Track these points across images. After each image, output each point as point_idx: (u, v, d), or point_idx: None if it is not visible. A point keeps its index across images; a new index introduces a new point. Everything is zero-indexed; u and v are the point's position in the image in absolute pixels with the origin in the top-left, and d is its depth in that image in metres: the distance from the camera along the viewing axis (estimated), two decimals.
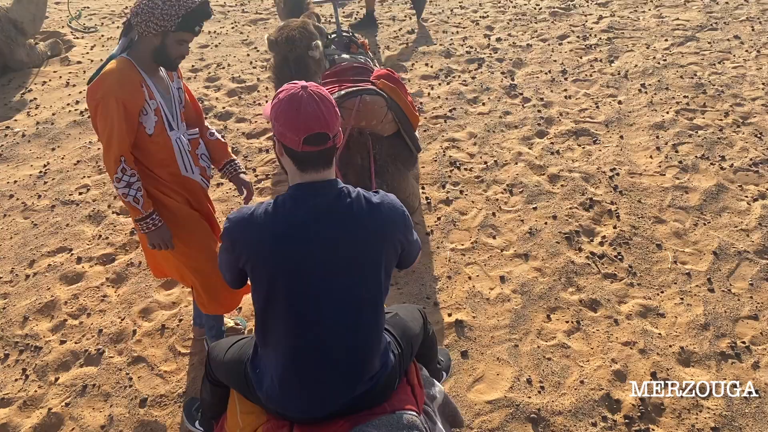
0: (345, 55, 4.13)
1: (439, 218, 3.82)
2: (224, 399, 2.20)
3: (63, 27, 7.06)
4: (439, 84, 5.45)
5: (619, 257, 3.43)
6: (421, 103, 5.10)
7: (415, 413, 2.01)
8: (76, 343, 3.06)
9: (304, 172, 1.84)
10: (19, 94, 5.64)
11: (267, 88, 5.49)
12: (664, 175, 4.08)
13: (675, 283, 3.25)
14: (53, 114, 5.21)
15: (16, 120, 5.20)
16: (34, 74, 5.99)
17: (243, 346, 2.12)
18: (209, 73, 5.81)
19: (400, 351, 2.09)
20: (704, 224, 3.65)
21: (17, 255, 3.67)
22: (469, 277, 3.35)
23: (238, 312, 3.25)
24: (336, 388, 1.88)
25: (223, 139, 2.76)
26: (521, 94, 5.18)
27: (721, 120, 4.66)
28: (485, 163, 4.32)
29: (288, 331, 1.90)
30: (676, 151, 4.31)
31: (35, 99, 5.54)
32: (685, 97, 4.96)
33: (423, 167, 4.28)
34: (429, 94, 5.27)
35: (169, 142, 2.45)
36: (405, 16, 6.94)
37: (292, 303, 1.87)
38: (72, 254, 3.64)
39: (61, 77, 5.90)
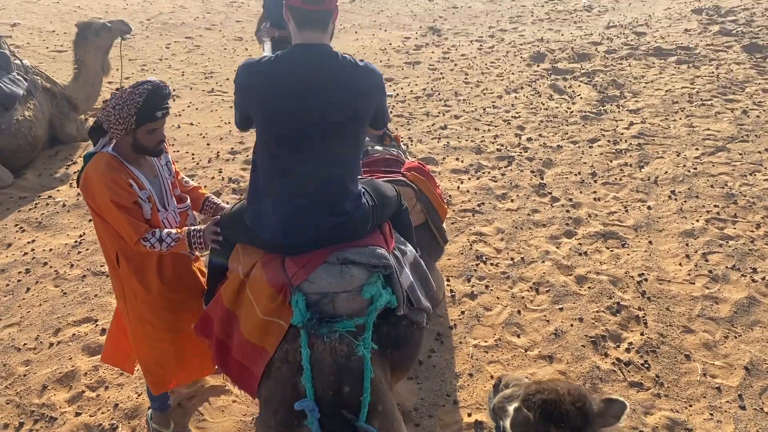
0: (378, 147, 4.24)
1: (462, 312, 3.79)
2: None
3: None
4: (469, 179, 5.54)
5: (646, 366, 3.35)
6: (450, 196, 5.18)
7: (385, 250, 2.38)
8: (90, 416, 3.04)
9: (302, 31, 2.25)
10: (65, 166, 5.89)
11: None
12: (694, 283, 4.03)
13: (704, 397, 3.14)
14: None
15: (58, 190, 5.40)
16: (81, 148, 6.26)
17: (243, 202, 2.50)
18: (247, 155, 6.01)
19: (374, 203, 2.43)
20: (735, 337, 3.56)
21: (44, 322, 3.72)
22: (491, 376, 3.28)
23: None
24: (312, 218, 2.25)
25: (195, 184, 2.99)
26: (550, 193, 5.24)
27: (752, 231, 4.62)
28: (512, 259, 4.32)
29: (277, 171, 2.29)
30: (706, 260, 4.26)
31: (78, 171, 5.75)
32: (715, 206, 4.96)
33: (449, 259, 4.30)
34: (458, 187, 5.36)
35: (159, 224, 2.61)
36: (438, 113, 7.16)
37: (282, 144, 2.25)
38: (97, 325, 3.67)
39: None
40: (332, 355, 2.14)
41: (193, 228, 2.57)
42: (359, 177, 2.49)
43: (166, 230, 2.53)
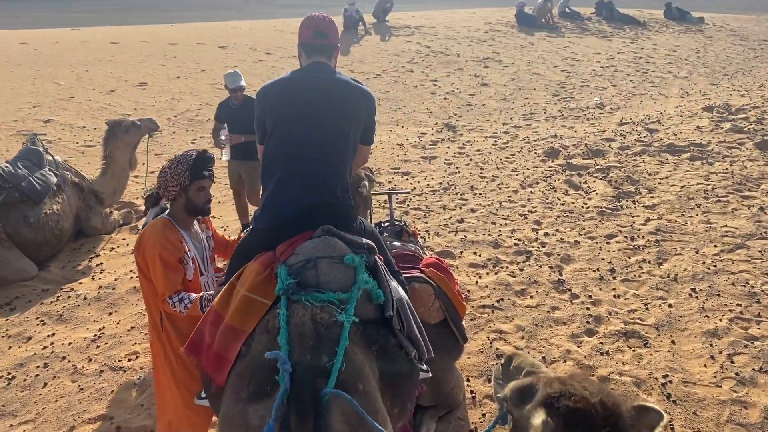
0: (396, 243, 4.30)
1: (483, 414, 3.70)
2: None
3: (137, 198, 7.62)
4: (487, 273, 5.55)
5: None
6: (468, 291, 5.17)
7: (373, 245, 2.50)
8: None
9: (311, 58, 2.87)
10: (88, 259, 6.00)
11: None
12: (720, 386, 3.92)
13: None
14: (116, 279, 5.47)
15: (80, 283, 5.48)
16: (105, 240, 6.40)
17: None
18: None
19: (363, 225, 2.80)
20: None
21: (59, 419, 3.68)
22: None
23: None
24: (307, 196, 2.59)
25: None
26: (569, 290, 5.21)
27: None
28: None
29: (281, 157, 2.67)
30: (732, 362, 4.17)
31: (101, 264, 5.86)
32: (738, 305, 4.89)
33: (468, 358, 4.24)
34: (477, 282, 5.36)
35: (200, 286, 3.02)
36: (455, 206, 7.26)
37: (285, 141, 2.68)
38: (112, 422, 3.63)
39: (128, 244, 6.28)
40: (313, 321, 2.14)
41: (206, 293, 2.90)
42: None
43: (187, 294, 2.88)
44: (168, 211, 3.09)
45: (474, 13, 25.53)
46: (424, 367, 2.73)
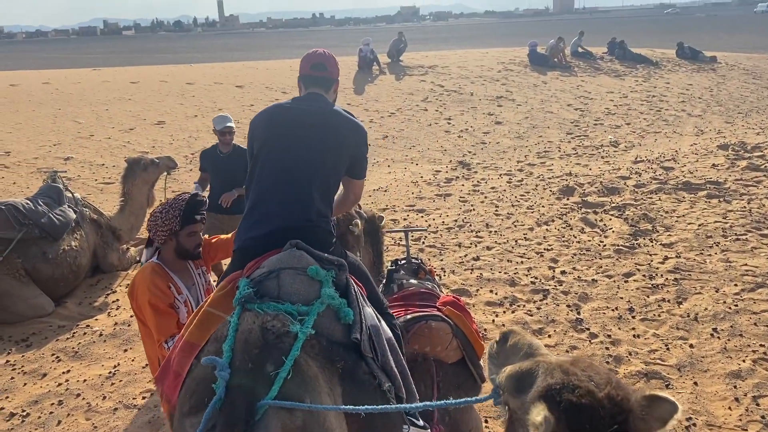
0: (413, 281, 4.26)
1: None
2: None
3: None
4: (504, 312, 5.49)
5: None
6: (485, 330, 5.11)
7: (344, 262, 2.37)
8: None
9: (308, 89, 2.90)
10: (104, 295, 6.02)
11: None
12: (746, 430, 3.81)
13: None
14: (131, 316, 5.47)
15: (96, 319, 5.49)
16: (121, 277, 6.43)
17: None
18: None
19: (344, 255, 2.67)
20: None
21: None
22: None
23: None
24: (280, 218, 2.52)
25: None
26: (588, 329, 5.14)
27: None
28: None
29: (262, 179, 2.64)
30: (757, 404, 4.06)
31: (117, 300, 5.87)
32: (761, 345, 4.79)
33: None
34: (493, 321, 5.30)
35: None
36: (470, 244, 7.24)
37: (264, 162, 2.66)
38: None
39: None
40: (262, 328, 1.95)
41: None
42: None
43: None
44: (158, 254, 3.08)
45: (487, 53, 25.87)
46: (420, 422, 2.50)
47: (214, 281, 3.17)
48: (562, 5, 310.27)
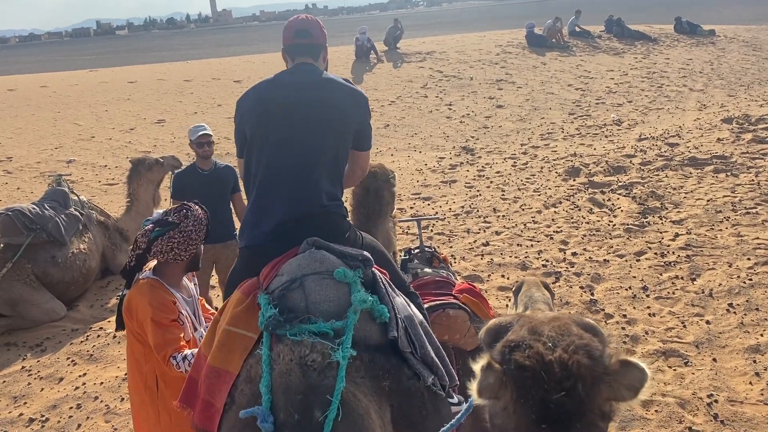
0: (427, 269, 4.23)
1: None
2: None
3: None
4: None
5: None
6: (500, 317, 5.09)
7: (368, 255, 2.15)
8: None
9: (295, 59, 2.63)
10: (116, 297, 6.01)
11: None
12: None
13: None
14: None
15: (109, 321, 5.48)
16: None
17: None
18: None
19: (360, 237, 2.47)
20: None
21: None
22: None
23: None
24: (287, 205, 2.31)
25: None
26: (603, 309, 5.12)
27: None
28: None
29: (261, 169, 2.40)
30: None
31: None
32: None
33: None
34: (507, 306, 5.26)
35: (196, 342, 2.75)
36: (479, 230, 7.21)
37: (263, 150, 2.41)
38: None
39: None
40: (301, 366, 1.75)
41: None
42: (344, 195, 2.56)
43: (189, 350, 2.62)
44: (157, 273, 2.79)
45: (484, 36, 25.71)
46: (454, 399, 2.34)
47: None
48: None
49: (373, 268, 2.15)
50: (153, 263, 2.84)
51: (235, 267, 2.49)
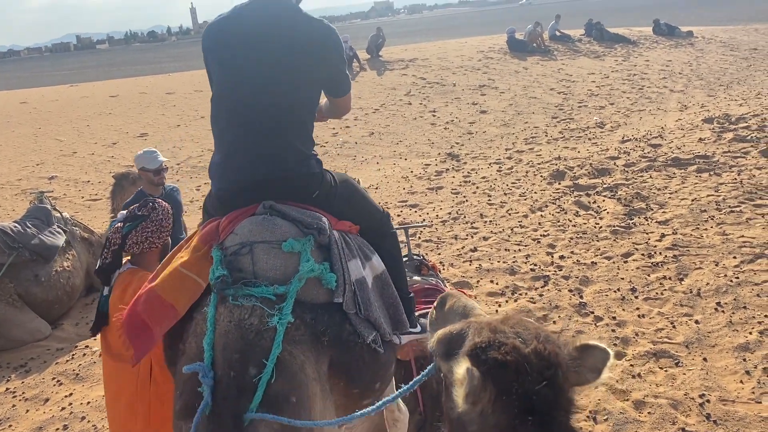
0: (416, 277, 4.22)
1: None
2: None
3: None
4: (506, 301, 5.46)
5: None
6: None
7: (326, 221, 2.19)
8: None
9: None
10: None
11: None
12: (761, 402, 3.80)
13: None
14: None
15: (95, 339, 5.39)
16: None
17: None
18: None
19: (333, 183, 2.37)
20: None
21: None
22: None
23: None
24: (252, 166, 2.21)
25: None
26: (592, 312, 5.12)
27: None
28: None
29: (224, 119, 2.28)
30: None
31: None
32: (766, 316, 4.78)
33: None
34: (497, 311, 5.26)
35: None
36: (467, 235, 7.20)
37: (229, 97, 2.27)
38: None
39: None
40: (239, 327, 1.86)
41: None
42: (326, 144, 2.48)
43: None
44: (133, 266, 2.88)
45: (465, 42, 25.84)
46: (417, 328, 2.57)
47: None
48: None
49: (330, 230, 2.19)
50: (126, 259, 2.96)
51: (207, 200, 2.47)
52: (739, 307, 4.97)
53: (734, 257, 5.88)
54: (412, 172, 10.45)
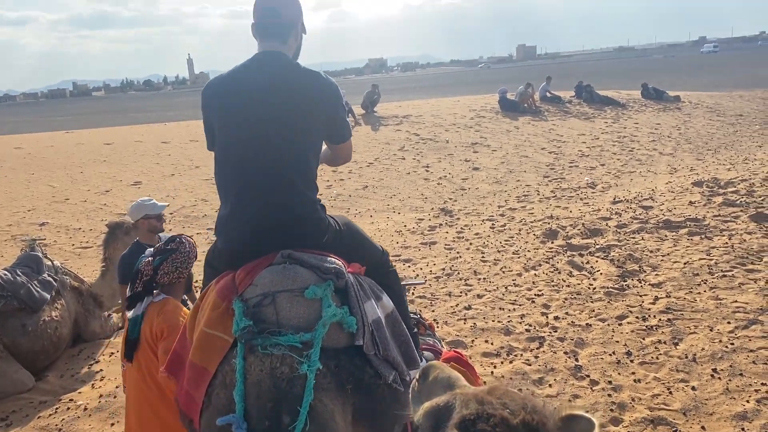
0: None
1: None
2: None
3: None
4: (502, 362, 5.40)
5: None
6: (485, 383, 5.00)
7: (341, 265, 2.24)
8: None
9: (262, 42, 2.45)
10: (87, 366, 5.80)
11: None
12: None
13: None
14: (117, 387, 5.26)
15: (80, 392, 5.26)
16: (104, 345, 6.22)
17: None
18: None
19: (338, 228, 2.43)
20: None
21: None
22: None
23: None
24: (261, 215, 2.26)
25: None
26: (588, 376, 5.06)
27: None
28: None
29: (230, 171, 2.34)
30: None
31: (101, 371, 5.66)
32: (763, 384, 4.75)
33: None
34: (492, 373, 5.20)
35: None
36: (461, 292, 7.17)
37: (234, 153, 2.33)
38: None
39: None
40: (272, 376, 1.92)
41: None
42: (320, 196, 2.50)
43: None
44: (166, 297, 3.18)
45: (458, 101, 26.35)
46: (423, 362, 2.54)
47: None
48: (524, 52, 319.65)
49: (346, 275, 2.25)
50: None
51: (213, 254, 2.51)
52: (736, 374, 4.94)
53: (728, 322, 5.87)
54: (405, 226, 10.47)
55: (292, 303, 2.10)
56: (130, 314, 3.15)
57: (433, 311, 6.65)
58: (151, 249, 3.35)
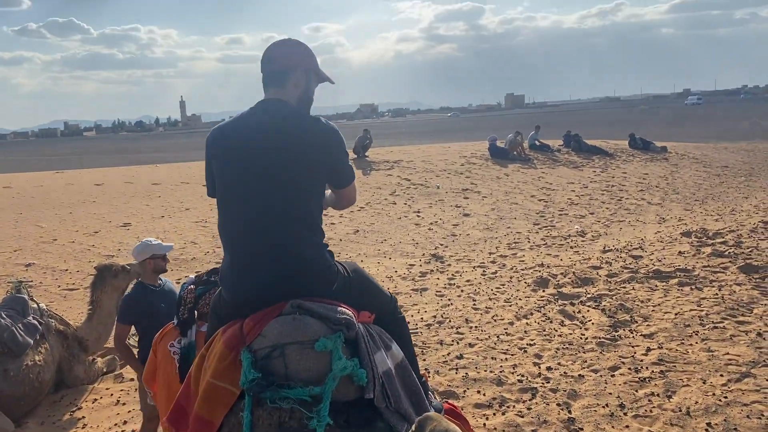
0: None
1: None
2: None
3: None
4: (494, 414, 5.31)
5: None
6: None
7: (351, 315, 2.20)
8: None
9: (265, 91, 2.51)
10: (69, 413, 5.65)
11: None
12: None
13: None
14: None
15: None
16: (87, 391, 6.07)
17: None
18: None
19: (347, 274, 2.41)
20: None
21: None
22: None
23: None
24: (268, 264, 2.24)
25: None
26: (581, 429, 4.99)
27: None
28: None
29: (232, 220, 2.35)
30: None
31: (83, 418, 5.51)
32: None
33: None
34: (485, 425, 5.11)
35: None
36: (452, 341, 7.10)
37: (237, 203, 2.34)
38: None
39: (112, 395, 5.95)
40: (280, 430, 1.92)
41: None
42: (325, 241, 2.46)
43: None
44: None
45: (449, 147, 26.65)
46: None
47: None
48: (513, 101, 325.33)
49: (357, 326, 2.22)
50: None
51: (218, 302, 2.46)
52: (730, 429, 4.88)
53: (721, 375, 5.83)
54: (396, 271, 10.43)
55: (302, 355, 2.08)
56: (183, 341, 3.27)
57: (424, 360, 6.57)
58: (193, 276, 3.49)
